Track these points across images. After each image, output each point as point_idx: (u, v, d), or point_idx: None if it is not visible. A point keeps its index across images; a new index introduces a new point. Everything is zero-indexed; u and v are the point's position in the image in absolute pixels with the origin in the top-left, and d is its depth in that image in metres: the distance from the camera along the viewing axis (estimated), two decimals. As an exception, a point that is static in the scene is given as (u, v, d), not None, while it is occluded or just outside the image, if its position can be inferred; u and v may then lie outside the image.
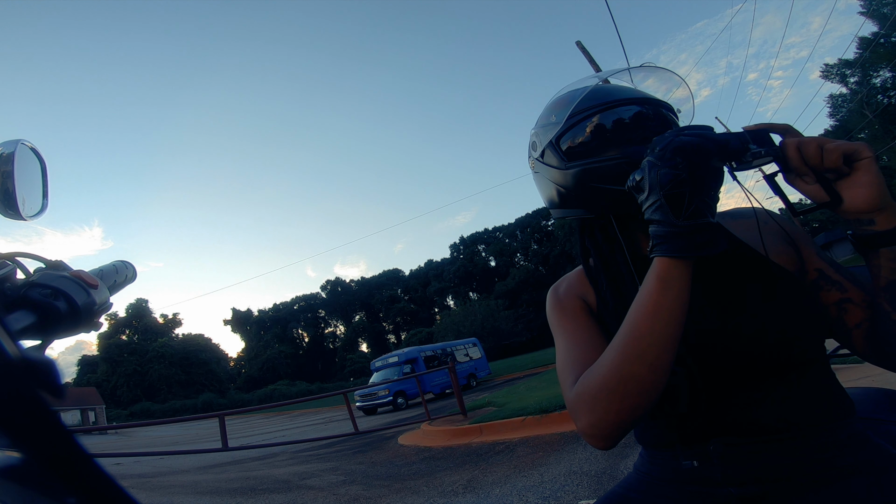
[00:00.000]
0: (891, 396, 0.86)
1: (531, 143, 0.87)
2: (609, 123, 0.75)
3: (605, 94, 0.78)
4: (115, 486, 0.23)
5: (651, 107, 0.76)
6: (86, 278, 0.46)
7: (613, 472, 3.13)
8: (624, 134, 0.74)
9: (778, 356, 0.63)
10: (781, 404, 0.63)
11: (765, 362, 0.63)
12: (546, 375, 10.63)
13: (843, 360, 4.38)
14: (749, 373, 0.64)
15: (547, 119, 0.82)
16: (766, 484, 0.61)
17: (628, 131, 0.74)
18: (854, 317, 0.65)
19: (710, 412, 0.65)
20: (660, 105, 0.78)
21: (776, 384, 0.63)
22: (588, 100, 0.77)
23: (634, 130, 0.74)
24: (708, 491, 0.65)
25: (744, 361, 0.64)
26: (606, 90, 0.79)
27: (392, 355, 18.89)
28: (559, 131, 0.78)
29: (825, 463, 0.60)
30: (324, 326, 75.91)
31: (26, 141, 0.59)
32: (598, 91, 0.78)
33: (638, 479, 0.76)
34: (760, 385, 0.64)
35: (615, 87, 0.82)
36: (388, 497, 3.72)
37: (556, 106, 0.82)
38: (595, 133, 0.76)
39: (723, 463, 0.64)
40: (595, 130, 0.76)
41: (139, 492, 5.53)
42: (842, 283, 0.67)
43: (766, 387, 0.64)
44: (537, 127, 0.85)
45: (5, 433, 0.22)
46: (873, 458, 0.61)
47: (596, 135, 0.76)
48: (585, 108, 0.77)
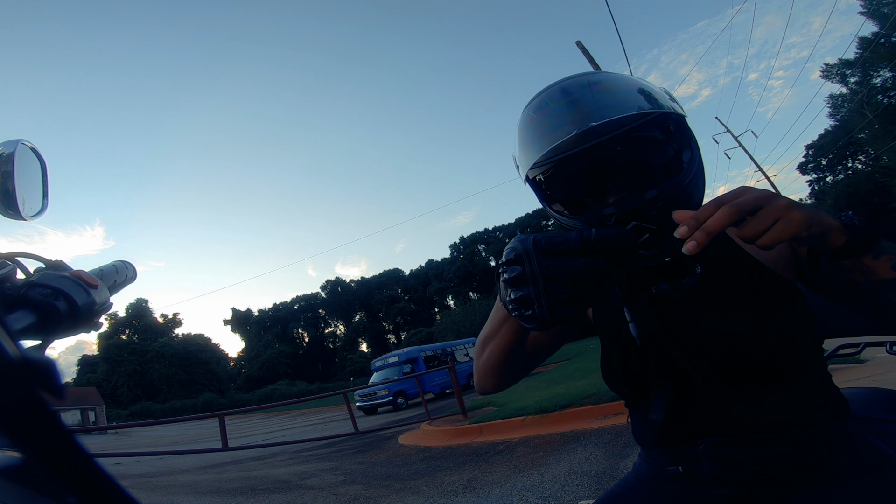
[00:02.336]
0: (888, 396, 0.86)
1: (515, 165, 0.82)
2: (565, 180, 0.73)
3: (559, 132, 0.63)
4: (115, 486, 0.23)
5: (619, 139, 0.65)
6: (86, 278, 0.46)
7: (613, 472, 3.13)
8: (587, 182, 0.70)
9: (771, 358, 0.63)
10: (771, 405, 0.63)
11: (757, 364, 0.63)
12: (546, 375, 10.62)
13: (843, 360, 4.38)
14: (740, 374, 0.64)
15: (516, 153, 0.75)
16: (756, 484, 0.61)
17: (592, 178, 0.70)
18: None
19: (699, 412, 0.65)
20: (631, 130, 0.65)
21: (767, 385, 0.63)
22: (540, 146, 0.66)
23: (600, 178, 0.69)
24: (699, 491, 0.65)
25: (736, 363, 0.63)
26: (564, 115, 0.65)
27: (392, 355, 18.90)
28: (523, 178, 0.75)
29: (817, 463, 0.60)
30: (324, 326, 75.88)
31: (26, 141, 0.59)
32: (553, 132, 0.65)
33: (636, 479, 0.76)
34: (750, 386, 0.64)
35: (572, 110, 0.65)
36: (388, 497, 3.72)
37: (517, 143, 0.73)
38: (558, 188, 0.74)
39: (711, 463, 0.64)
40: (557, 186, 0.74)
41: (139, 492, 5.52)
42: None
43: (757, 387, 0.63)
44: (514, 154, 0.77)
45: (5, 433, 0.22)
46: (868, 457, 0.61)
47: (559, 189, 0.74)
48: (539, 163, 0.69)
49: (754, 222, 0.49)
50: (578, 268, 0.50)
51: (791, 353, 0.63)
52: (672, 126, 0.69)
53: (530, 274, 0.50)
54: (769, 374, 0.63)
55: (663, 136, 0.68)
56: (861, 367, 4.42)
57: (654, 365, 0.68)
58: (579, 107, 0.64)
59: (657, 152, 0.69)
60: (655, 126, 0.67)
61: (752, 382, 0.64)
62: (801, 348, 0.64)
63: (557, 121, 0.65)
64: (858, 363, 4.48)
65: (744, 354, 0.63)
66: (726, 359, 0.64)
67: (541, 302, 0.50)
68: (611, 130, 0.64)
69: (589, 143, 0.65)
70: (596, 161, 0.67)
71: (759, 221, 0.49)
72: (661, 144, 0.69)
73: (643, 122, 0.66)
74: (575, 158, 0.67)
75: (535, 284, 0.50)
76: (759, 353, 0.63)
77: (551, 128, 0.65)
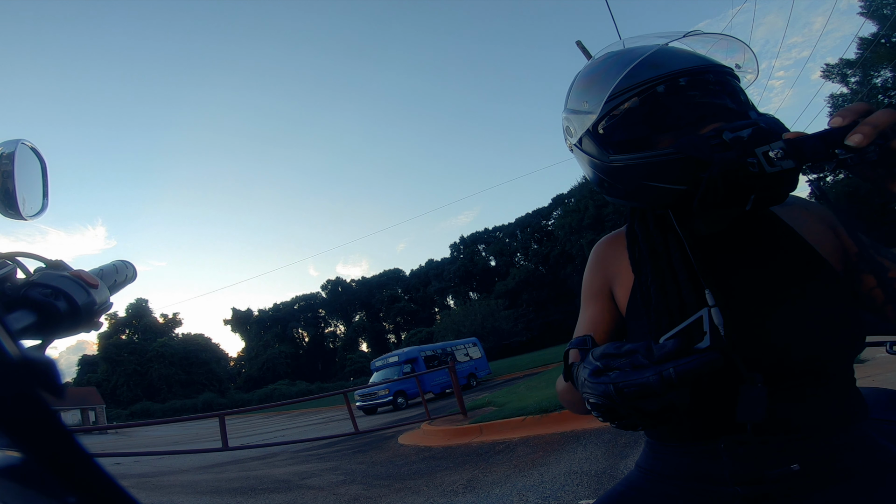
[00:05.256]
0: (888, 396, 0.86)
1: (564, 127, 0.76)
2: (656, 105, 0.64)
3: (650, 65, 0.64)
4: (115, 486, 0.23)
5: (711, 74, 0.64)
6: (86, 278, 0.46)
7: (613, 471, 3.13)
8: (678, 114, 0.63)
9: (823, 358, 0.60)
10: (803, 406, 0.61)
11: (809, 363, 0.61)
12: (546, 375, 10.61)
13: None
14: (782, 371, 0.61)
15: (579, 104, 0.70)
16: (772, 484, 0.60)
17: (683, 110, 0.63)
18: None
19: (723, 409, 0.62)
20: (722, 71, 0.65)
21: (802, 385, 0.61)
22: (629, 77, 0.64)
23: (691, 108, 0.63)
24: (713, 489, 0.64)
25: (775, 359, 0.61)
26: (652, 59, 0.65)
27: (392, 355, 18.89)
28: (595, 119, 0.67)
29: (831, 464, 0.59)
30: (324, 326, 75.89)
31: (26, 141, 0.60)
32: (642, 62, 0.65)
33: (640, 475, 0.74)
34: (789, 384, 0.61)
35: (664, 53, 0.67)
36: (388, 497, 3.72)
37: (588, 84, 0.69)
38: (640, 119, 0.65)
39: (732, 461, 0.62)
40: (640, 116, 0.65)
41: (139, 492, 5.53)
42: (883, 263, 0.63)
43: (792, 387, 0.61)
44: (568, 111, 0.74)
45: (5, 433, 0.22)
46: (879, 459, 0.60)
47: (641, 121, 0.65)
48: (625, 89, 0.65)
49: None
50: (666, 404, 0.51)
51: (841, 355, 0.61)
52: (744, 93, 0.69)
53: (624, 411, 0.52)
54: (811, 374, 0.61)
55: (743, 94, 0.68)
56: (861, 367, 4.42)
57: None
58: (671, 51, 0.68)
59: (741, 103, 0.66)
60: (737, 81, 0.68)
61: (791, 381, 0.61)
62: (849, 350, 0.62)
63: (651, 55, 0.65)
64: (858, 363, 4.48)
65: (786, 352, 0.60)
66: (767, 355, 0.60)
67: (636, 424, 0.54)
68: (704, 67, 0.64)
69: (693, 65, 0.64)
70: (696, 87, 0.64)
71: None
72: (741, 96, 0.67)
73: (728, 70, 0.67)
74: (698, 72, 0.64)
75: (629, 418, 0.53)
76: (801, 353, 0.60)
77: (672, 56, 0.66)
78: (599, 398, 0.52)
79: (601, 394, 0.52)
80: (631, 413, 0.52)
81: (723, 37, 0.70)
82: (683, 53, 0.68)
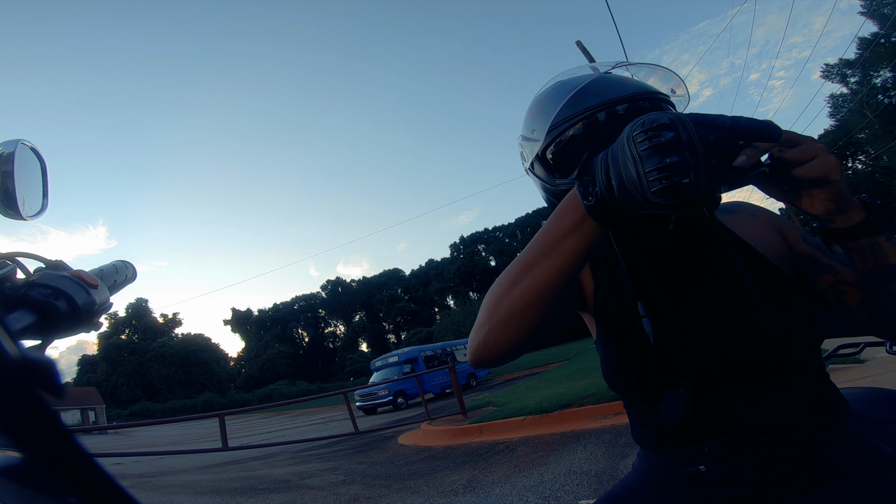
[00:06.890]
0: (888, 396, 0.86)
1: (520, 153, 0.82)
2: (597, 132, 0.69)
3: (593, 93, 0.70)
4: (115, 486, 0.23)
5: (646, 101, 0.69)
6: (86, 278, 0.46)
7: (613, 472, 3.13)
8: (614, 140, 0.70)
9: (775, 358, 0.63)
10: (774, 405, 0.62)
11: (762, 364, 0.63)
12: (546, 375, 10.62)
13: (843, 360, 4.38)
14: (745, 374, 0.63)
15: (529, 131, 0.76)
16: (761, 484, 0.61)
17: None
18: (853, 298, 0.64)
19: (704, 413, 0.64)
20: (657, 98, 0.70)
21: (771, 385, 0.63)
22: (571, 105, 0.70)
23: None
24: (704, 492, 0.65)
25: (740, 362, 0.63)
26: (594, 87, 0.71)
27: (392, 355, 18.89)
28: (542, 146, 0.73)
29: (820, 463, 0.60)
30: (324, 326, 75.90)
31: (26, 141, 0.59)
32: (583, 91, 0.70)
33: (636, 479, 0.75)
34: (755, 386, 0.63)
35: (604, 81, 0.72)
36: (388, 497, 3.72)
37: (536, 113, 0.75)
38: (582, 144, 0.70)
39: (718, 464, 0.63)
40: (582, 142, 0.70)
41: (139, 492, 5.53)
42: (832, 265, 0.66)
43: (761, 388, 0.63)
44: (521, 138, 0.80)
45: (5, 433, 0.22)
46: (869, 457, 0.61)
47: (583, 146, 0.70)
48: (567, 118, 0.70)
49: (798, 150, 0.53)
50: (733, 143, 0.48)
51: (794, 353, 0.63)
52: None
53: (687, 140, 0.46)
54: (772, 374, 0.63)
55: None
56: (861, 367, 4.43)
57: (669, 364, 0.66)
58: (611, 79, 0.72)
59: None
60: (671, 107, 0.73)
61: (756, 383, 0.63)
62: (805, 348, 0.64)
63: (591, 83, 0.70)
64: (858, 363, 4.48)
65: (750, 354, 0.63)
66: (732, 359, 0.63)
67: (699, 171, 0.46)
68: (641, 94, 0.69)
69: (630, 92, 0.69)
70: (634, 113, 0.68)
71: (802, 150, 0.53)
72: None
73: (664, 97, 0.72)
74: (611, 111, 0.68)
75: (692, 151, 0.46)
76: (764, 354, 0.62)
77: (613, 85, 0.70)
78: (659, 117, 0.46)
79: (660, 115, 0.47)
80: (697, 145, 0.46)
81: (656, 67, 0.77)
82: (623, 82, 0.72)
